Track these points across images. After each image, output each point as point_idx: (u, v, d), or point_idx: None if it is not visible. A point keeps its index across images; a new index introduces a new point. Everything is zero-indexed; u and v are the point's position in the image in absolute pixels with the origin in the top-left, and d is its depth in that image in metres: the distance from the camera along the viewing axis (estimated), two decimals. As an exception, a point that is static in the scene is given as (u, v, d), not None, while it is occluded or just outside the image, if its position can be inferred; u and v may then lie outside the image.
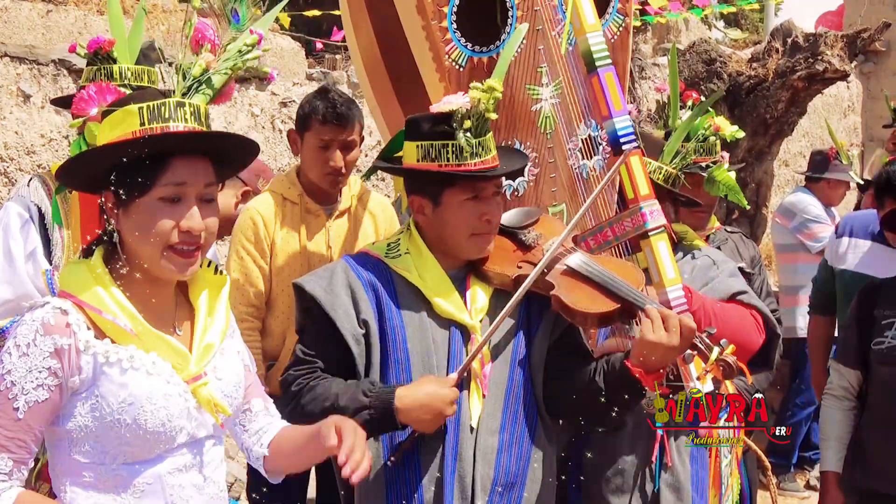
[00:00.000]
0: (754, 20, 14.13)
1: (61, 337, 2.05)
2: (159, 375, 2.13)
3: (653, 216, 2.99)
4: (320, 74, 7.10)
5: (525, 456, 2.84)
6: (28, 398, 2.03)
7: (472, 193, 2.80)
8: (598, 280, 2.80)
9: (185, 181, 2.12)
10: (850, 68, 6.88)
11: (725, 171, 3.68)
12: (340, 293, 2.81)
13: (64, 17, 6.98)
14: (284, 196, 4.06)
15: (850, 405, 3.92)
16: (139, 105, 2.11)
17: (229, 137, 2.25)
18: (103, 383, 2.08)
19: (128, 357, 2.10)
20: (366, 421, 2.63)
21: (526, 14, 3.12)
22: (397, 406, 2.66)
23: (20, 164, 5.23)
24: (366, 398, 2.69)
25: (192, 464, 2.21)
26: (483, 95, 2.76)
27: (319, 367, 2.80)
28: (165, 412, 2.11)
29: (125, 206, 2.12)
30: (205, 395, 2.19)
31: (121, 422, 2.08)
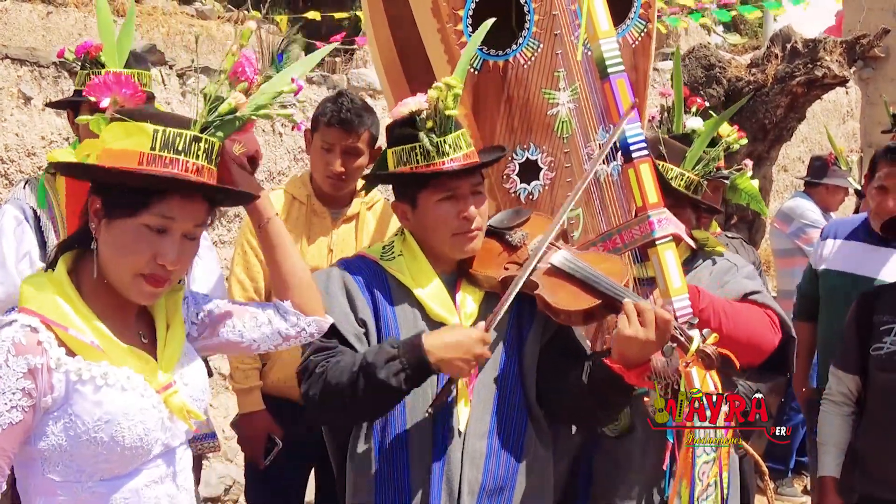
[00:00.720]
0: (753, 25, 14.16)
1: (34, 356, 2.00)
2: (133, 390, 2.09)
3: (661, 225, 2.99)
4: (320, 77, 7.10)
5: (515, 460, 2.82)
6: (2, 420, 1.97)
7: (446, 193, 2.78)
8: (581, 277, 2.79)
9: (175, 217, 2.08)
10: (849, 74, 6.89)
11: (748, 179, 3.66)
12: (337, 295, 2.81)
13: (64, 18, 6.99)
14: (294, 196, 4.09)
15: (849, 411, 3.92)
16: (156, 127, 2.07)
17: (226, 192, 2.20)
18: (77, 401, 2.03)
19: (101, 374, 2.06)
20: (397, 372, 2.61)
21: (544, 18, 3.12)
22: (427, 348, 2.62)
23: (20, 165, 5.23)
24: (393, 349, 2.65)
25: (167, 474, 2.18)
26: (441, 93, 2.74)
27: (339, 350, 2.76)
28: (142, 426, 2.08)
29: (109, 220, 2.08)
30: (177, 403, 2.15)
31: (97, 440, 2.04)
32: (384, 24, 3.30)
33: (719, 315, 3.09)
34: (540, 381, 2.87)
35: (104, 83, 2.15)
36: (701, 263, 3.41)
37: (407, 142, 2.79)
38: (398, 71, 3.30)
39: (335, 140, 3.96)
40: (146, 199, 2.06)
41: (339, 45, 8.65)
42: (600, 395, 2.75)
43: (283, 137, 6.51)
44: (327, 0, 10.71)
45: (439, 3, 3.03)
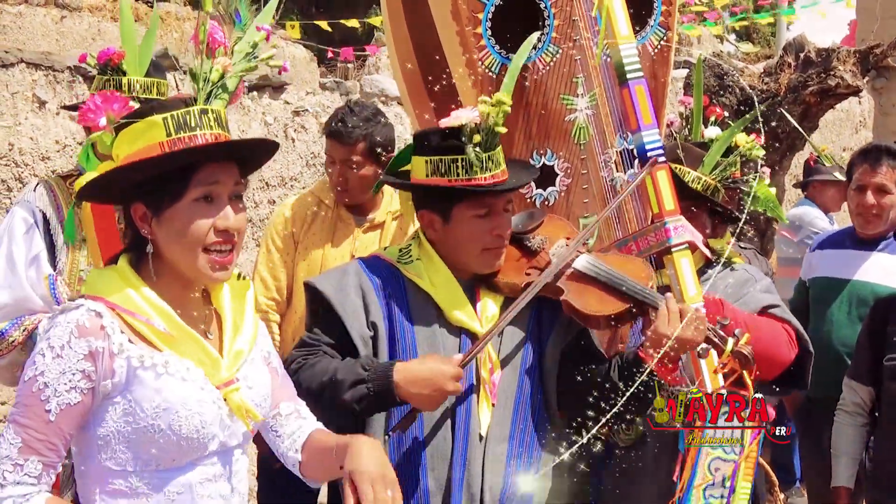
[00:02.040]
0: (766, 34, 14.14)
1: (96, 339, 2.03)
2: (193, 381, 2.11)
3: (677, 232, 2.98)
4: (333, 83, 7.11)
5: (535, 465, 2.83)
6: (60, 400, 2.01)
7: (483, 209, 2.79)
8: (606, 280, 2.79)
9: (218, 180, 2.13)
10: (862, 84, 6.86)
11: (766, 187, 3.65)
12: (350, 293, 2.81)
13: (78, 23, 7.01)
14: (321, 199, 4.12)
15: (863, 421, 3.92)
16: (163, 115, 2.10)
17: (255, 143, 2.27)
18: (137, 388, 2.06)
19: (163, 362, 2.08)
20: (363, 396, 2.64)
21: (563, 23, 3.12)
22: (396, 380, 2.64)
23: (35, 169, 5.24)
24: (364, 371, 2.67)
25: (222, 473, 2.19)
26: (492, 109, 2.75)
27: (323, 350, 2.78)
28: (199, 418, 2.10)
29: (159, 214, 2.12)
30: (237, 400, 2.17)
31: (155, 427, 2.06)
32: (403, 26, 3.29)
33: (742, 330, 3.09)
34: (560, 383, 2.87)
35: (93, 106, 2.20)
36: (716, 273, 3.40)
37: (448, 153, 2.78)
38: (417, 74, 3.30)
39: (333, 152, 4.03)
40: (185, 178, 2.10)
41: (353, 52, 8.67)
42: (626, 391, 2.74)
43: (296, 143, 6.52)
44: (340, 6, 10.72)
45: (459, 6, 3.03)
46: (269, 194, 6.36)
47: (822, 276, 4.75)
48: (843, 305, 4.62)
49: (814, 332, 4.60)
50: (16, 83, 5.25)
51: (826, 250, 4.83)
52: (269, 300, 4.11)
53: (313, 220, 4.09)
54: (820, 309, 4.69)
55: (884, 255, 4.64)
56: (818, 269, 4.80)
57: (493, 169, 2.78)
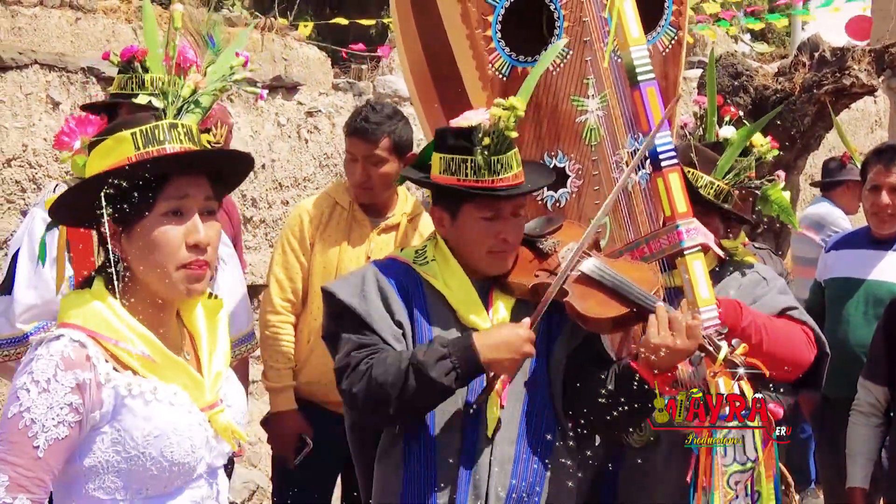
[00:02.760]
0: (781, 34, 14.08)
1: (82, 371, 1.99)
2: (181, 406, 2.08)
3: (689, 235, 2.97)
4: (346, 84, 7.11)
5: (542, 467, 2.83)
6: (49, 436, 1.96)
7: (490, 212, 2.80)
8: (610, 285, 2.79)
9: (187, 193, 2.09)
10: (877, 83, 6.83)
11: (780, 191, 3.62)
12: (374, 298, 2.82)
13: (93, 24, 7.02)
14: (337, 200, 4.12)
15: (878, 422, 3.90)
16: (132, 130, 2.08)
17: (225, 154, 2.25)
18: (126, 417, 2.02)
19: (151, 389, 2.05)
20: (448, 371, 2.64)
21: (574, 24, 3.11)
22: (477, 348, 2.66)
23: (48, 170, 5.25)
24: (443, 348, 2.68)
25: (208, 494, 2.17)
26: (504, 113, 2.75)
27: (383, 347, 2.78)
28: (190, 443, 2.07)
29: (128, 230, 2.08)
30: (222, 422, 2.15)
31: (146, 455, 2.03)
32: (413, 30, 3.29)
33: (761, 332, 3.08)
34: (566, 387, 2.87)
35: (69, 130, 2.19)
36: (729, 274, 3.38)
37: (459, 153, 2.79)
38: (426, 75, 3.29)
39: (356, 149, 4.00)
40: (153, 191, 2.06)
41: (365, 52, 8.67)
42: (626, 400, 2.76)
43: (309, 144, 6.53)
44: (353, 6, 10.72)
45: (469, 9, 3.03)
46: (283, 195, 6.37)
47: (838, 277, 4.74)
48: (860, 305, 4.60)
49: (830, 333, 4.58)
50: (30, 84, 5.26)
51: (841, 250, 4.82)
52: (284, 301, 4.11)
53: (329, 221, 4.10)
54: (836, 309, 4.68)
55: None
56: (834, 269, 4.79)
57: (502, 172, 2.77)
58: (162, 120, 2.12)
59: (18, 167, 5.19)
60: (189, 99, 2.20)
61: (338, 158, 6.52)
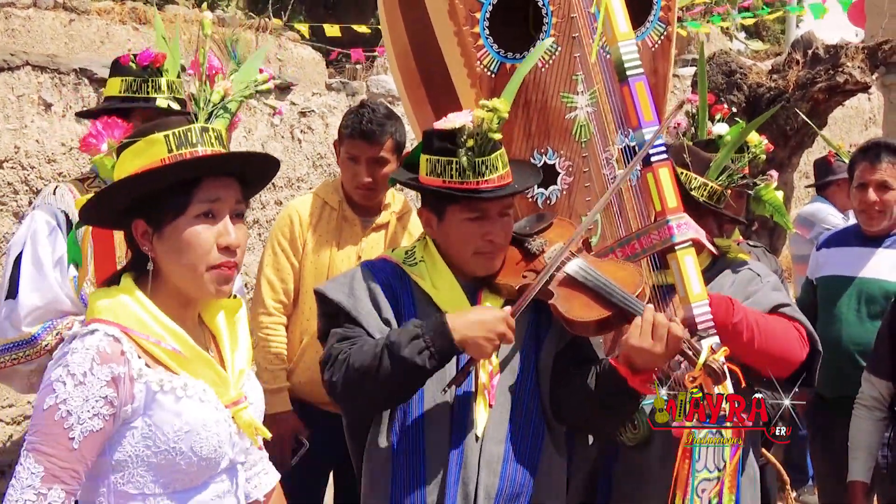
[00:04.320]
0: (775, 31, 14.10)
1: (118, 366, 2.04)
2: (209, 402, 2.13)
3: (680, 230, 2.95)
4: (339, 84, 7.11)
5: (532, 466, 2.83)
6: (84, 428, 2.00)
7: (475, 213, 2.80)
8: (594, 287, 2.79)
9: (219, 197, 2.14)
10: (871, 80, 6.84)
11: (773, 191, 3.62)
12: (362, 297, 2.82)
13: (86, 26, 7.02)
14: (326, 200, 4.12)
15: (881, 416, 3.91)
16: (164, 133, 2.13)
17: (257, 157, 2.28)
18: (156, 412, 2.07)
19: (181, 385, 2.10)
20: (420, 350, 2.62)
21: (562, 21, 3.10)
22: (451, 325, 2.63)
23: (41, 172, 5.23)
24: (416, 328, 2.66)
25: (230, 489, 2.22)
26: (487, 115, 2.75)
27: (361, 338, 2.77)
28: (217, 438, 2.12)
29: (160, 230, 2.13)
30: (246, 419, 2.20)
31: (177, 450, 2.07)
32: (400, 25, 3.28)
33: (752, 328, 3.07)
34: (552, 387, 2.87)
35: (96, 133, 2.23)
36: (722, 272, 3.37)
37: (444, 154, 2.79)
38: (414, 73, 3.28)
39: (359, 151, 3.99)
40: (187, 193, 2.11)
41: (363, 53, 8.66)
42: (605, 399, 2.77)
43: (302, 144, 6.52)
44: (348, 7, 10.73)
45: (456, 6, 3.01)
46: (276, 195, 6.36)
47: (829, 275, 4.75)
48: (852, 303, 4.60)
49: (823, 331, 4.59)
50: (21, 86, 5.25)
51: (832, 248, 4.83)
52: (276, 303, 4.11)
53: (318, 222, 4.09)
54: (828, 307, 4.68)
55: (890, 251, 4.64)
56: (825, 267, 4.80)
57: (486, 174, 2.77)
58: (193, 124, 2.17)
59: (10, 169, 5.18)
60: (218, 105, 2.26)
61: (331, 158, 6.51)
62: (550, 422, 2.88)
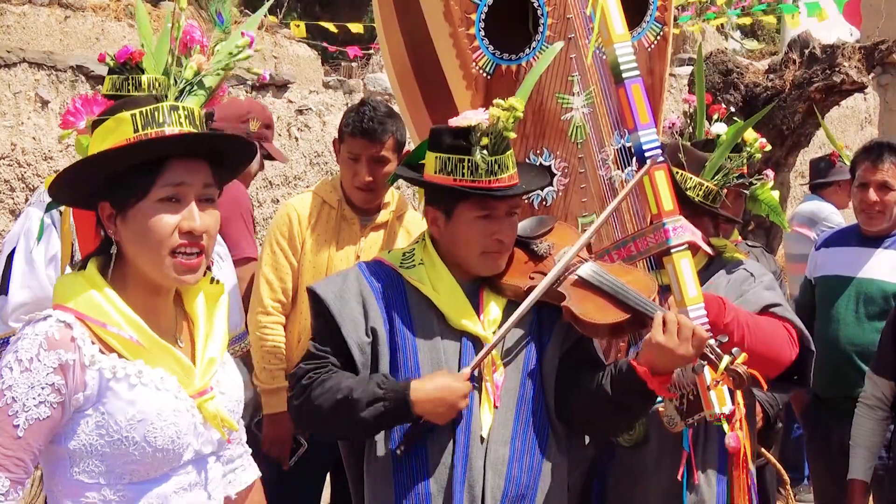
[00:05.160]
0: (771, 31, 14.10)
1: (66, 352, 1.97)
2: (167, 391, 2.06)
3: (676, 233, 2.94)
4: (337, 82, 7.10)
5: (537, 467, 2.82)
6: (29, 415, 1.94)
7: (485, 211, 2.78)
8: (609, 290, 2.78)
9: (184, 181, 2.06)
10: (867, 80, 6.84)
11: (769, 191, 3.61)
12: (350, 300, 2.80)
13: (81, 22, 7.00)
14: (324, 199, 4.09)
15: (883, 415, 3.91)
16: (132, 112, 2.06)
17: (225, 138, 2.20)
18: (110, 400, 2.01)
19: (136, 372, 2.03)
20: (378, 415, 2.68)
21: (558, 21, 3.09)
22: (412, 399, 2.67)
23: (37, 169, 5.24)
24: (380, 390, 2.70)
25: (197, 481, 2.14)
26: (503, 114, 2.73)
27: (331, 363, 2.78)
28: (175, 428, 2.05)
29: (123, 213, 2.06)
30: (211, 410, 2.13)
31: (129, 439, 2.01)
32: (396, 27, 3.27)
33: (743, 329, 3.06)
34: (558, 387, 2.86)
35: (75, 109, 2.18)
36: (717, 272, 3.37)
37: (456, 152, 2.77)
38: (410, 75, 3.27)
39: (360, 150, 3.96)
40: (150, 175, 2.04)
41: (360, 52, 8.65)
42: (621, 400, 2.75)
43: (300, 142, 6.52)
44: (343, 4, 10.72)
45: (451, 7, 3.00)
46: (273, 193, 6.35)
47: (828, 275, 4.75)
48: (850, 303, 4.61)
49: (821, 331, 4.60)
50: (18, 83, 5.25)
51: (831, 248, 4.83)
52: (274, 302, 4.09)
53: (317, 221, 4.07)
54: (826, 307, 4.69)
55: (889, 251, 4.64)
56: (824, 267, 4.80)
57: (499, 173, 2.76)
58: (163, 102, 2.10)
59: (7, 166, 5.18)
60: (192, 80, 2.19)
61: (328, 157, 6.51)
62: (554, 422, 2.87)
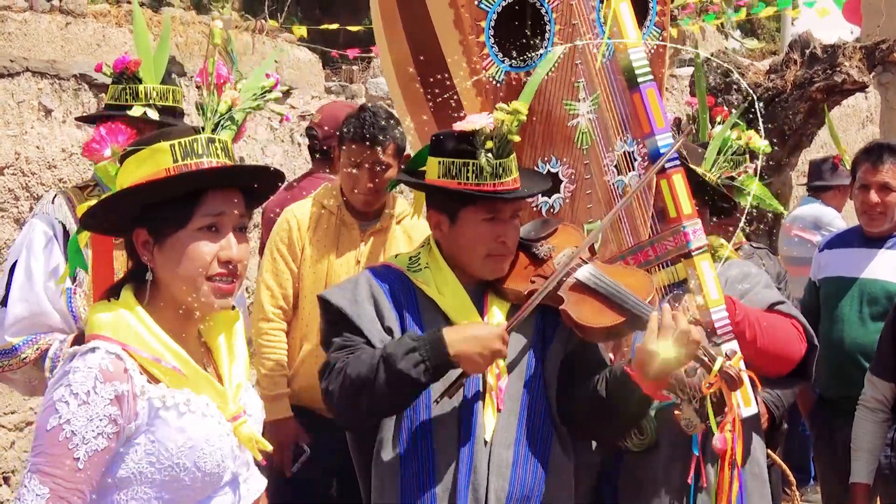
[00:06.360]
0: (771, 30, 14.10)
1: (121, 383, 2.02)
2: (212, 417, 2.12)
3: (696, 235, 2.95)
4: (339, 87, 7.11)
5: (541, 470, 2.83)
6: (89, 448, 1.98)
7: (489, 214, 2.80)
8: (605, 293, 2.79)
9: (223, 211, 2.13)
10: (868, 79, 6.84)
11: (754, 180, 3.64)
12: (364, 303, 2.82)
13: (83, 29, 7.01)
14: (324, 205, 4.10)
15: (884, 417, 3.91)
16: (170, 142, 2.11)
17: (259, 170, 2.27)
18: (160, 428, 2.05)
19: (184, 401, 2.08)
20: (416, 364, 2.63)
21: (564, 27, 3.09)
22: (447, 340, 2.64)
23: (41, 178, 5.23)
24: (413, 341, 2.67)
25: (233, 501, 2.20)
26: (507, 118, 2.76)
27: (363, 344, 2.78)
28: (220, 453, 2.11)
29: (161, 241, 2.11)
30: (246, 433, 2.19)
31: (181, 465, 2.06)
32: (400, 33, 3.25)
33: (755, 327, 3.08)
34: (559, 391, 2.87)
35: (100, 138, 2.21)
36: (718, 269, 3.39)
37: (461, 156, 2.79)
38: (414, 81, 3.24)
39: (361, 156, 3.96)
40: (190, 205, 2.10)
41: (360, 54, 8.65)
42: (615, 405, 2.76)
43: (302, 148, 6.51)
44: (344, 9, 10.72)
45: (462, 15, 2.99)
46: (276, 199, 6.35)
47: (832, 276, 4.76)
48: (854, 304, 4.62)
49: (825, 332, 4.61)
50: (21, 92, 5.25)
51: (835, 250, 4.84)
52: (275, 308, 4.09)
53: (317, 227, 4.07)
54: (830, 308, 4.70)
55: (892, 252, 4.66)
56: (827, 268, 4.81)
57: (503, 176, 2.79)
58: (200, 134, 2.15)
59: (11, 175, 5.18)
60: (225, 115, 2.26)
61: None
62: (558, 426, 2.88)
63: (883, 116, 11.16)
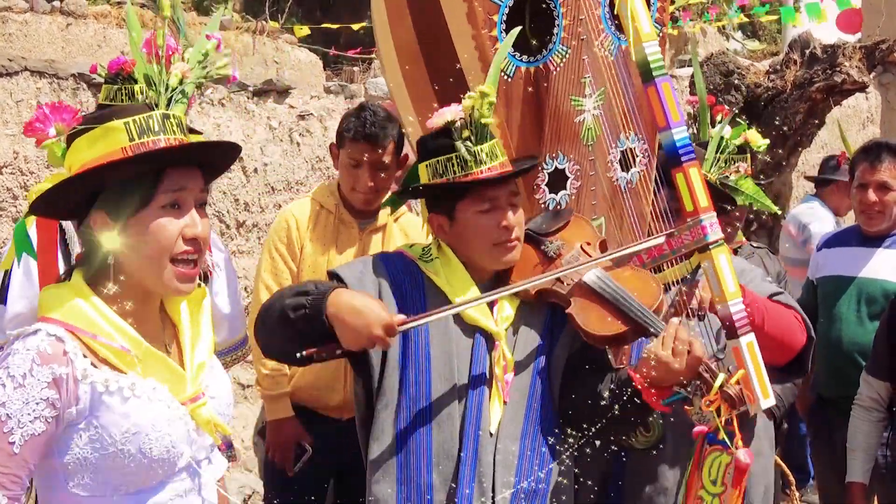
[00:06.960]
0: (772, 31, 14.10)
1: (59, 366, 1.96)
2: (160, 401, 2.05)
3: (713, 228, 2.93)
4: (338, 87, 7.10)
5: (546, 463, 2.82)
6: (24, 431, 1.94)
7: (485, 204, 2.78)
8: (611, 299, 2.77)
9: (185, 186, 2.07)
10: (868, 79, 6.84)
11: (748, 180, 3.64)
12: (367, 286, 2.80)
13: (83, 30, 7.01)
14: (322, 204, 4.10)
15: (879, 416, 3.92)
16: (125, 120, 2.05)
17: (219, 145, 2.23)
18: (103, 413, 2.00)
19: (129, 385, 2.02)
20: (297, 307, 2.59)
21: (571, 22, 3.07)
22: (331, 299, 2.57)
23: (40, 177, 5.23)
24: (311, 285, 2.65)
25: (192, 487, 2.14)
26: (476, 101, 2.74)
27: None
28: (169, 438, 2.05)
29: (123, 223, 2.04)
30: (205, 415, 2.13)
31: (124, 452, 2.00)
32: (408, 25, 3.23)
33: (762, 313, 3.08)
34: (562, 388, 2.87)
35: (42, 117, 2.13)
36: None
37: (443, 153, 2.78)
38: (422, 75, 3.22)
39: (362, 155, 3.96)
40: (151, 184, 2.04)
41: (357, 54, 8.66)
42: (616, 409, 2.76)
43: (301, 147, 6.52)
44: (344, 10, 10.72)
45: (475, 9, 2.97)
46: (275, 199, 6.35)
47: (830, 275, 4.76)
48: (852, 303, 4.62)
49: (823, 331, 4.61)
50: (20, 91, 5.25)
51: (833, 249, 4.84)
52: None
53: (315, 226, 4.07)
54: (828, 307, 4.70)
55: (890, 251, 4.65)
56: (826, 267, 4.81)
57: (489, 161, 2.77)
58: (154, 110, 2.10)
59: (10, 174, 5.18)
60: (176, 89, 2.20)
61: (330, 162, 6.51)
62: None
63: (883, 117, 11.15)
